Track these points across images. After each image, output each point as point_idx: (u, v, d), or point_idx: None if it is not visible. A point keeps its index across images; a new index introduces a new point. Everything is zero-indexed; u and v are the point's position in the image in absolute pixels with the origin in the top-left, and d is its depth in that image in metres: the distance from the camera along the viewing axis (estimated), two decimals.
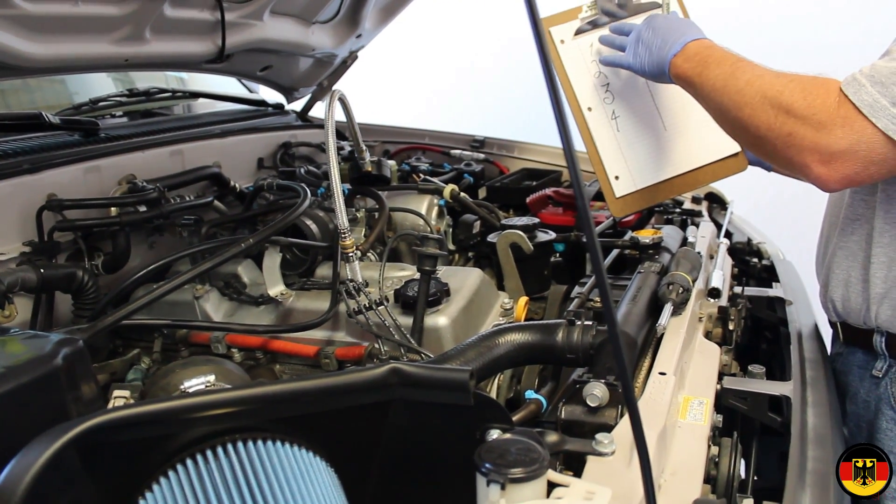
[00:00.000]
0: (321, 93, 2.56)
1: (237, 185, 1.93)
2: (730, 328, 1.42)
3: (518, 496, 0.62)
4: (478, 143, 2.60)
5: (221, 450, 0.63)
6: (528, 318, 1.51)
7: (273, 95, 2.60)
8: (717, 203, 2.25)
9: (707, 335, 1.37)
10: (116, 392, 1.05)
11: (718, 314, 1.44)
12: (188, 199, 1.70)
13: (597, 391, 0.93)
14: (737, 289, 1.65)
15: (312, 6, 2.10)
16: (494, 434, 0.71)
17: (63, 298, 1.42)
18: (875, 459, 1.02)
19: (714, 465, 1.02)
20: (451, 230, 1.94)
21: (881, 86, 1.01)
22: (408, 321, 1.29)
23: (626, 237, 1.62)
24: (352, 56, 2.47)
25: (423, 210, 1.84)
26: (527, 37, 0.49)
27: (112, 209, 1.56)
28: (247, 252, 1.41)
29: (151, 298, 1.21)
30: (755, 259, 1.93)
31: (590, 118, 1.51)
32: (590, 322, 1.06)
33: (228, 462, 0.62)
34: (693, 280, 1.33)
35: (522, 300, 1.48)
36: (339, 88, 1.53)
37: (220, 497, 0.60)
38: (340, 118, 1.61)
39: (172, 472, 0.62)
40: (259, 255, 1.51)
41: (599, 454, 0.80)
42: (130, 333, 1.47)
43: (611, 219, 1.83)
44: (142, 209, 1.57)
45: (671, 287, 1.27)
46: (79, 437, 0.56)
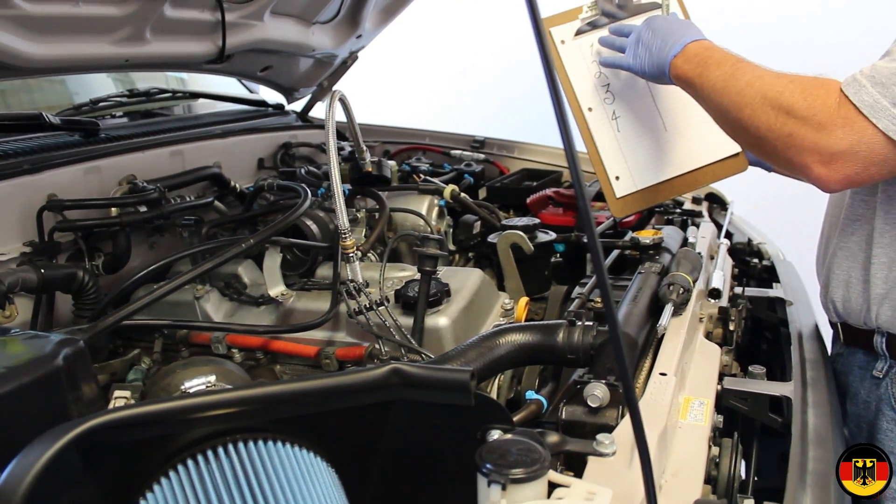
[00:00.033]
0: (321, 93, 2.56)
1: (237, 186, 1.93)
2: (730, 329, 1.42)
3: (519, 497, 0.62)
4: (478, 144, 2.60)
5: (222, 450, 0.63)
6: (529, 319, 1.51)
7: (273, 96, 2.60)
8: (718, 203, 2.25)
9: (707, 336, 1.37)
10: (117, 392, 1.05)
11: (719, 315, 1.44)
12: (188, 200, 1.70)
13: (597, 392, 0.93)
14: (737, 289, 1.65)
15: (313, 7, 2.10)
16: (495, 434, 0.71)
17: (63, 299, 1.42)
18: (875, 459, 1.02)
19: (715, 466, 1.02)
20: (452, 230, 1.94)
21: (882, 86, 1.01)
22: (408, 322, 1.29)
23: (627, 237, 1.62)
24: (352, 56, 2.47)
25: (424, 210, 1.84)
26: (527, 37, 0.49)
27: (112, 209, 1.56)
28: (247, 252, 1.41)
29: (152, 299, 1.21)
30: (755, 259, 1.93)
31: (590, 118, 1.51)
32: (590, 323, 1.06)
33: (229, 462, 0.62)
34: (694, 280, 1.33)
35: (523, 301, 1.48)
36: (340, 89, 1.53)
37: (221, 497, 0.60)
38: (341, 118, 1.61)
39: (173, 473, 0.62)
40: (259, 256, 1.51)
41: (600, 455, 0.81)
42: (131, 334, 1.47)
43: (611, 219, 1.83)
44: (142, 209, 1.57)
45: (672, 287, 1.27)
46: (80, 438, 0.56)
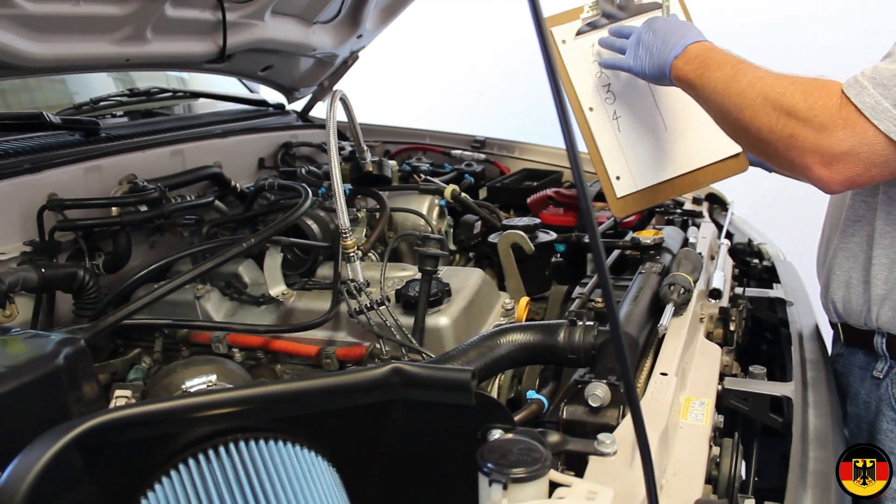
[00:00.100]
0: (322, 93, 2.56)
1: (238, 185, 1.93)
2: (731, 329, 1.42)
3: (520, 496, 0.62)
4: (478, 144, 2.60)
5: (223, 449, 0.63)
6: (529, 319, 1.51)
7: (274, 95, 2.60)
8: (718, 204, 2.25)
9: (708, 336, 1.37)
10: (118, 392, 1.05)
11: (719, 315, 1.44)
12: (189, 199, 1.70)
13: (598, 391, 0.93)
14: (738, 290, 1.64)
15: (313, 6, 2.10)
16: (496, 434, 0.71)
17: (64, 298, 1.42)
18: (875, 459, 1.02)
19: (715, 466, 1.02)
20: (452, 230, 1.94)
21: (883, 88, 1.01)
22: (409, 321, 1.29)
23: (628, 238, 1.62)
24: (353, 56, 2.47)
25: (424, 210, 1.84)
26: (528, 37, 0.49)
27: (113, 209, 1.56)
28: (248, 252, 1.41)
29: (152, 298, 1.21)
30: (756, 260, 1.93)
31: (591, 118, 1.51)
32: (591, 322, 1.06)
33: (230, 462, 0.62)
34: (694, 281, 1.33)
35: (523, 300, 1.47)
36: (340, 88, 1.53)
37: (222, 497, 0.60)
38: (341, 118, 1.61)
39: (174, 472, 0.62)
40: (260, 255, 1.51)
41: (601, 454, 0.81)
42: (131, 333, 1.47)
43: (612, 219, 1.83)
44: (143, 209, 1.57)
45: (672, 288, 1.27)
46: (81, 437, 0.56)
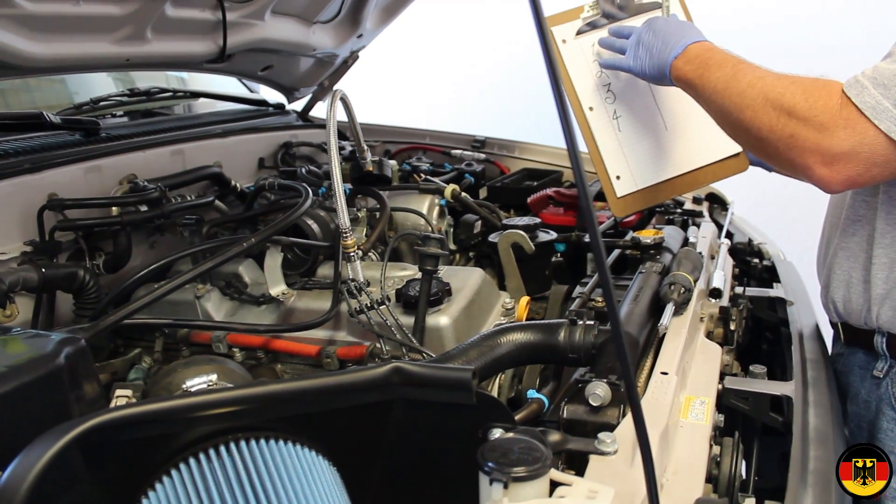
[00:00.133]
0: (322, 93, 2.56)
1: (238, 185, 1.93)
2: (731, 328, 1.42)
3: (521, 495, 0.62)
4: (478, 144, 2.59)
5: (224, 449, 0.63)
6: (530, 318, 1.51)
7: (274, 95, 2.60)
8: (718, 203, 2.24)
9: (708, 335, 1.37)
10: (118, 391, 1.05)
11: (720, 314, 1.44)
12: (189, 199, 1.70)
13: (599, 391, 0.93)
14: (738, 289, 1.64)
15: (314, 6, 2.10)
16: (497, 433, 0.71)
17: (64, 298, 1.42)
18: (875, 459, 1.01)
19: (716, 465, 1.02)
20: (453, 230, 1.94)
21: (883, 88, 1.01)
22: (409, 321, 1.29)
23: (628, 237, 1.62)
24: (353, 56, 2.47)
25: (425, 210, 1.84)
26: (529, 37, 0.49)
27: (113, 209, 1.56)
28: (248, 252, 1.41)
29: (153, 298, 1.21)
30: (756, 259, 1.93)
31: (591, 118, 1.51)
32: (592, 322, 1.06)
33: (231, 461, 0.62)
34: (694, 280, 1.33)
35: (524, 300, 1.47)
36: (341, 88, 1.53)
37: (223, 496, 0.60)
38: (342, 118, 1.61)
39: (175, 471, 0.62)
40: (260, 255, 1.51)
41: (602, 453, 0.81)
42: (132, 333, 1.47)
43: (612, 219, 1.83)
44: (143, 209, 1.57)
45: (673, 287, 1.27)
46: (81, 437, 0.56)
